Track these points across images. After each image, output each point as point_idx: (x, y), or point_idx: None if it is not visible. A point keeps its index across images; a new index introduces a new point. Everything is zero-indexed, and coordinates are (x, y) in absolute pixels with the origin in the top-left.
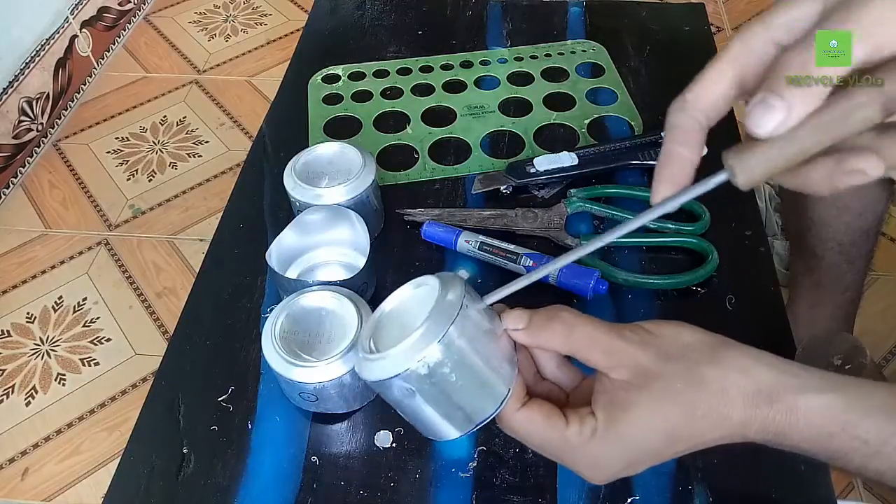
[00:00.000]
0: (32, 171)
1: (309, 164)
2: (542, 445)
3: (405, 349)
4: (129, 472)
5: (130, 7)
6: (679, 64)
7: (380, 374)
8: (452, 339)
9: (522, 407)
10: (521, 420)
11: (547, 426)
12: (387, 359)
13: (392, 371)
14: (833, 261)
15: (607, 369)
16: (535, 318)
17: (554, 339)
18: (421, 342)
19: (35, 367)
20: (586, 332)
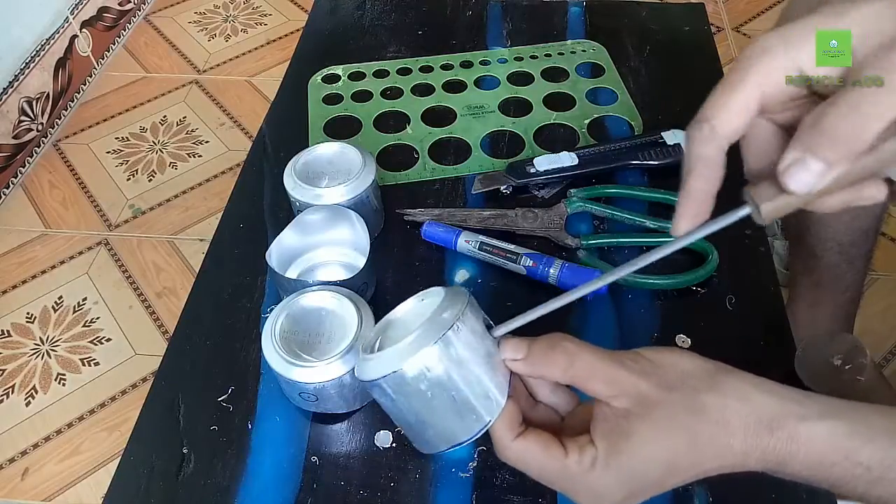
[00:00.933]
0: (32, 171)
1: (309, 164)
2: (540, 475)
3: (389, 355)
4: (129, 472)
5: (130, 7)
6: (679, 64)
7: (361, 375)
8: (433, 357)
9: (519, 437)
10: (517, 450)
11: (545, 456)
12: (371, 361)
13: (371, 374)
14: (832, 261)
15: (608, 398)
16: (535, 348)
17: (554, 370)
18: (402, 353)
19: (35, 367)
20: (587, 362)
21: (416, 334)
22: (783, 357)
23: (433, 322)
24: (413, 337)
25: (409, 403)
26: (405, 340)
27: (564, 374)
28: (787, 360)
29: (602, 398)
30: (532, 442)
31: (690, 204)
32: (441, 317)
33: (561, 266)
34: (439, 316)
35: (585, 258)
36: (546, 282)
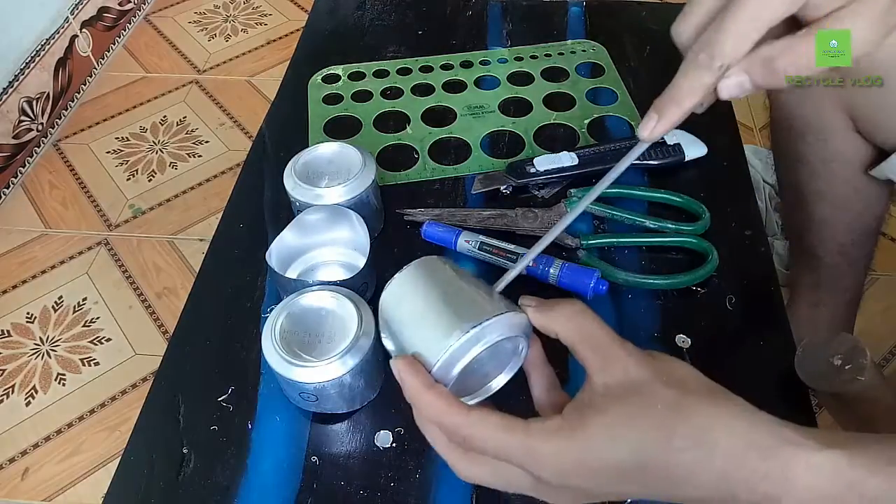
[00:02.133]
0: (32, 171)
1: (309, 164)
2: (498, 448)
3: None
4: (129, 472)
5: (130, 7)
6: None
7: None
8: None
9: (473, 410)
10: (474, 421)
11: (504, 424)
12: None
13: None
14: (833, 261)
15: (593, 370)
16: (549, 300)
17: (558, 319)
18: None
19: (35, 366)
20: (591, 322)
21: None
22: (783, 357)
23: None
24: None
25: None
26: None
27: (564, 324)
28: (787, 360)
29: (590, 368)
30: (489, 413)
31: (678, 117)
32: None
33: (561, 266)
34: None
35: (585, 258)
36: (546, 282)
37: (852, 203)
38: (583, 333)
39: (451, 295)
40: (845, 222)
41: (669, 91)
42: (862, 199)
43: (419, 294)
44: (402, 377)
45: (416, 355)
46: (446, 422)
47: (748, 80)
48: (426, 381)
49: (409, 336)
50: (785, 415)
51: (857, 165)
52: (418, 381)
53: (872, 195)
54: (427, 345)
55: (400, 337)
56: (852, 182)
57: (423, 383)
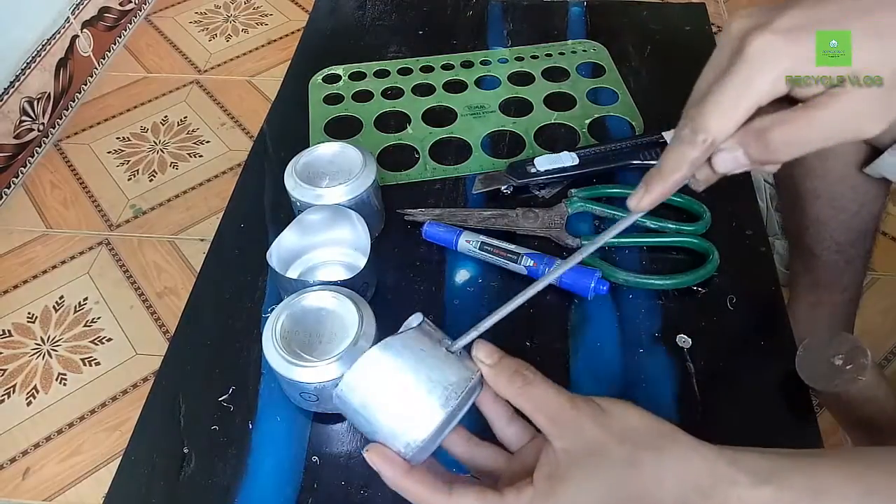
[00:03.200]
0: (33, 171)
1: (309, 164)
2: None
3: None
4: (130, 472)
5: (131, 7)
6: (680, 64)
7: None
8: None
9: (454, 490)
10: (455, 499)
11: (482, 500)
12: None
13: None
14: (831, 260)
15: (552, 436)
16: (505, 361)
17: (510, 388)
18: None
19: (36, 366)
20: (542, 392)
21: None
22: (783, 357)
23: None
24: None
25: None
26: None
27: (517, 394)
28: (788, 360)
29: (548, 434)
30: (467, 491)
31: (664, 191)
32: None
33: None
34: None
35: (586, 258)
36: None
37: (848, 201)
38: (535, 403)
39: (412, 378)
40: (841, 221)
41: (658, 164)
42: (857, 197)
43: (381, 383)
44: (379, 468)
45: (386, 439)
46: (420, 497)
47: (742, 154)
48: (403, 468)
49: (378, 423)
50: (785, 415)
51: (852, 163)
52: (396, 471)
53: (868, 193)
54: (397, 433)
55: (367, 424)
56: (847, 180)
57: (401, 472)
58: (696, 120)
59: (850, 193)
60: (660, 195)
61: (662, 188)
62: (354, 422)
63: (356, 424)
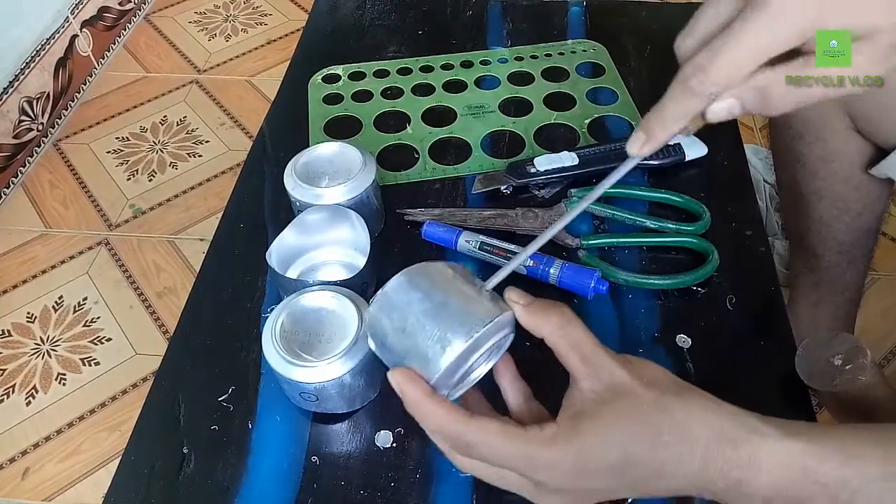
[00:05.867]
0: (33, 171)
1: (309, 163)
2: (499, 455)
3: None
4: (130, 472)
5: (131, 7)
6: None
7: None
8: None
9: (474, 417)
10: (475, 430)
11: (503, 431)
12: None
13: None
14: (833, 260)
15: (581, 376)
16: (538, 301)
17: (546, 325)
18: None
19: (35, 366)
20: (578, 332)
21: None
22: (783, 357)
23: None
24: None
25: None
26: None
27: (553, 332)
28: (787, 360)
29: (576, 373)
30: (490, 420)
31: (664, 138)
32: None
33: (561, 266)
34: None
35: (585, 258)
36: (546, 281)
37: (852, 202)
38: (571, 342)
39: (443, 302)
40: (845, 221)
41: (657, 110)
42: (861, 197)
43: (411, 304)
44: (402, 388)
45: (411, 365)
46: (448, 430)
47: (738, 104)
48: (426, 390)
49: (403, 347)
50: (785, 415)
51: (857, 164)
52: (418, 392)
53: (872, 194)
54: (424, 356)
55: (394, 349)
56: (851, 181)
57: (423, 393)
58: (707, 71)
59: (855, 194)
60: (661, 143)
61: (664, 136)
62: (381, 349)
63: (382, 353)
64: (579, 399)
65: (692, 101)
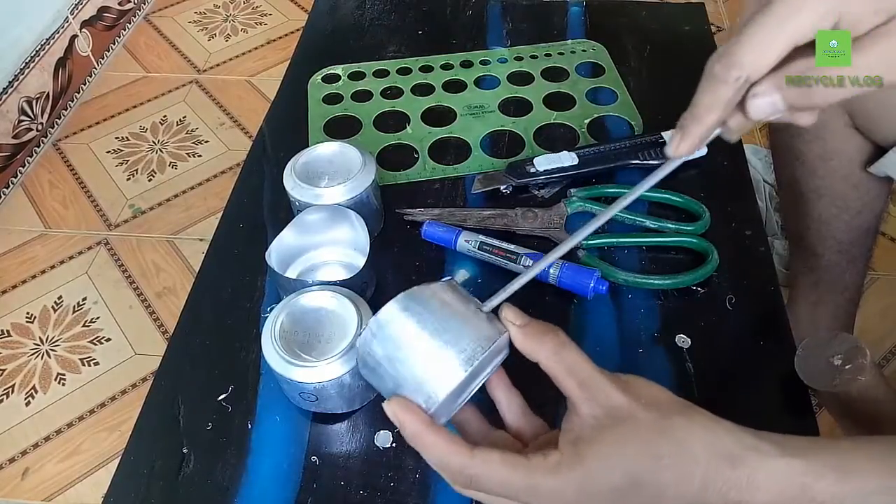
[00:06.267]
0: (32, 171)
1: (309, 163)
2: (500, 487)
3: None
4: (130, 472)
5: (130, 7)
6: (679, 64)
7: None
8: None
9: (476, 450)
10: (479, 463)
11: (506, 463)
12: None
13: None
14: (833, 259)
15: (579, 401)
16: (534, 323)
17: (542, 350)
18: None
19: (35, 366)
20: (573, 358)
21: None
22: (783, 357)
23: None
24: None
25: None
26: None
27: (549, 357)
28: (787, 360)
29: (574, 398)
30: (491, 452)
31: (701, 134)
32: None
33: (561, 266)
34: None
35: (585, 258)
36: (546, 282)
37: (851, 200)
38: (567, 367)
39: (439, 329)
40: (844, 220)
41: (690, 106)
42: (861, 196)
43: (406, 332)
44: (400, 420)
45: (408, 394)
46: (450, 463)
47: (780, 98)
48: (425, 421)
49: (399, 376)
50: (784, 415)
51: (856, 162)
52: (418, 424)
53: (871, 192)
54: (421, 386)
55: (387, 377)
56: (851, 179)
57: (423, 425)
58: (730, 55)
59: (854, 193)
60: (697, 139)
61: (699, 131)
62: (374, 377)
63: (375, 381)
64: (578, 424)
65: (719, 88)
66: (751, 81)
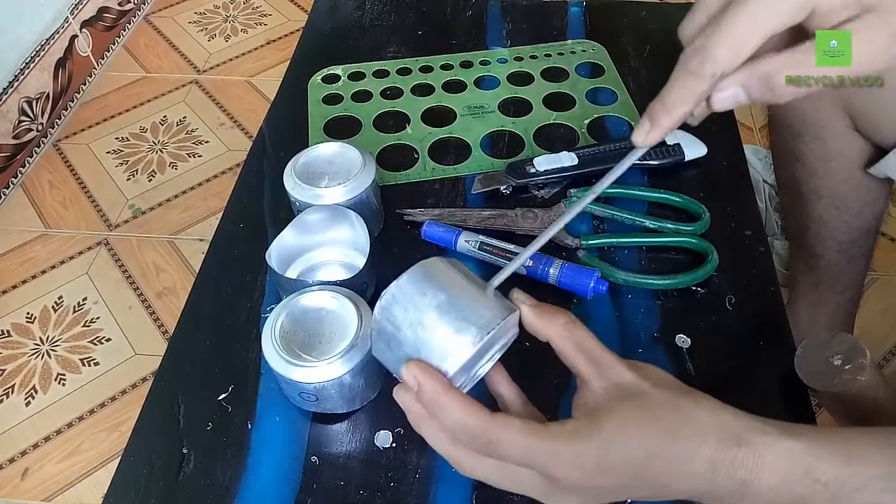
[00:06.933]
0: (32, 171)
1: (309, 164)
2: (522, 450)
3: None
4: (129, 472)
5: (130, 7)
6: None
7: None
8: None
9: (496, 414)
10: (496, 427)
11: (526, 429)
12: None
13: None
14: (833, 260)
15: (591, 376)
16: (544, 304)
17: (553, 327)
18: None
19: (35, 366)
20: (583, 335)
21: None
22: (783, 357)
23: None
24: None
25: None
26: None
27: (560, 335)
28: (787, 360)
29: (584, 376)
30: (511, 417)
31: (670, 125)
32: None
33: (561, 266)
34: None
35: (585, 258)
36: (546, 281)
37: (851, 201)
38: (577, 344)
39: (458, 296)
40: (844, 220)
41: (660, 96)
42: (860, 197)
43: (427, 297)
44: (420, 381)
45: (425, 359)
46: (469, 424)
47: (743, 92)
48: (444, 383)
49: (418, 341)
50: (784, 415)
51: (856, 163)
52: (438, 384)
53: (871, 193)
54: (441, 349)
55: (406, 342)
56: (851, 180)
57: (443, 386)
58: (705, 51)
59: (854, 193)
60: (666, 129)
61: (668, 122)
62: (392, 344)
63: (393, 349)
64: (592, 398)
65: (694, 83)
66: (724, 77)
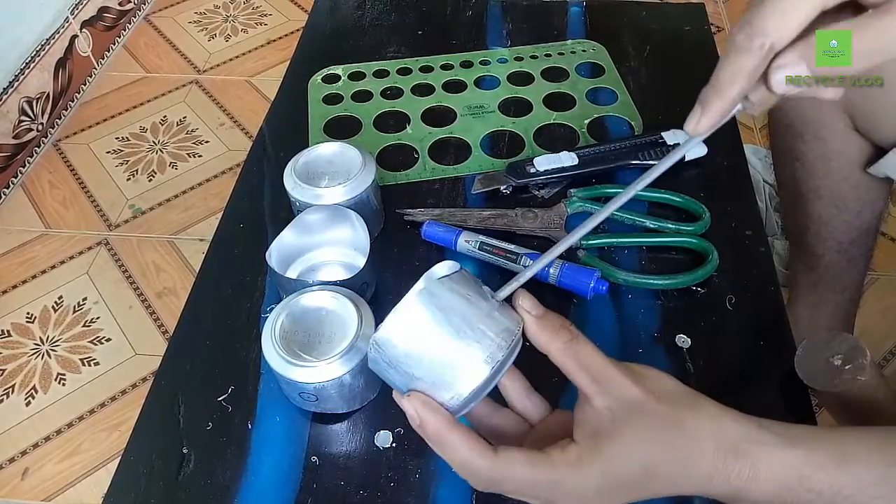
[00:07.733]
0: (32, 171)
1: (309, 164)
2: (526, 484)
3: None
4: (129, 472)
5: (130, 7)
6: (679, 64)
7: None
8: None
9: (499, 450)
10: (501, 462)
11: (528, 460)
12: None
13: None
14: (833, 259)
15: (593, 393)
16: (549, 314)
17: (555, 342)
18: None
19: (35, 366)
20: (587, 350)
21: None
22: (783, 357)
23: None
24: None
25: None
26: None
27: (561, 350)
28: (787, 360)
29: (586, 391)
30: (513, 452)
31: (722, 109)
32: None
33: (561, 266)
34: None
35: (585, 258)
36: (546, 281)
37: (851, 201)
38: (580, 361)
39: (460, 325)
40: (844, 220)
41: (711, 80)
42: (860, 196)
43: (426, 329)
44: (422, 418)
45: (427, 389)
46: (474, 464)
47: (806, 68)
48: (447, 419)
49: (421, 372)
50: (784, 415)
51: (856, 163)
52: (440, 423)
53: (871, 193)
54: (444, 382)
55: (407, 373)
56: (850, 180)
57: (446, 423)
58: (752, 23)
59: (853, 193)
60: (718, 114)
61: (720, 105)
62: (390, 374)
63: (391, 378)
64: (594, 417)
65: (744, 59)
66: (775, 50)
